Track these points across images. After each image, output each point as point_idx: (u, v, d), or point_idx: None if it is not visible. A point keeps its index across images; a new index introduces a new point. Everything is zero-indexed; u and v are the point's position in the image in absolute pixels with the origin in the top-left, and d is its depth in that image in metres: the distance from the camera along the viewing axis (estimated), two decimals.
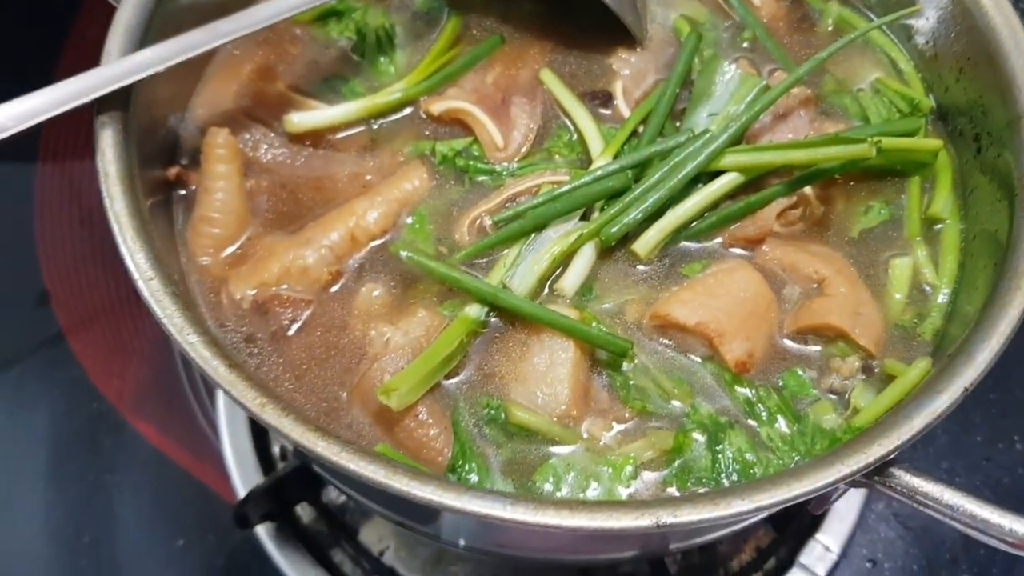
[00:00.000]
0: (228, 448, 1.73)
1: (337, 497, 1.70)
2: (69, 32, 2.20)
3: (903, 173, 1.33)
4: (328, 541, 1.69)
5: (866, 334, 1.17)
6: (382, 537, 1.69)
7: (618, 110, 1.38)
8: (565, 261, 1.21)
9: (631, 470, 1.08)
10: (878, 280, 1.25)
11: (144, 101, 1.20)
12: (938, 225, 1.30)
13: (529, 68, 1.41)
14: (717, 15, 1.49)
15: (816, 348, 1.19)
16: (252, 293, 1.18)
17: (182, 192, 1.27)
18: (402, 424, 1.09)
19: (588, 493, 1.07)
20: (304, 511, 1.71)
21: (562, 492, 1.07)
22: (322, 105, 1.35)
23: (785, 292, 1.23)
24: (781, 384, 1.16)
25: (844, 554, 1.68)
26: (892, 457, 0.97)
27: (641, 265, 1.23)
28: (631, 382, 1.15)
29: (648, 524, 0.89)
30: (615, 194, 1.23)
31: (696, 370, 1.17)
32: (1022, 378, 1.85)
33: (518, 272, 1.19)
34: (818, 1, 1.52)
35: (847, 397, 1.15)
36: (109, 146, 1.11)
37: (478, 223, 1.26)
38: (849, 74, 1.44)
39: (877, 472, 0.99)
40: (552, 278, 1.21)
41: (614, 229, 1.20)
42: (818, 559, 1.67)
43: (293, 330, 1.17)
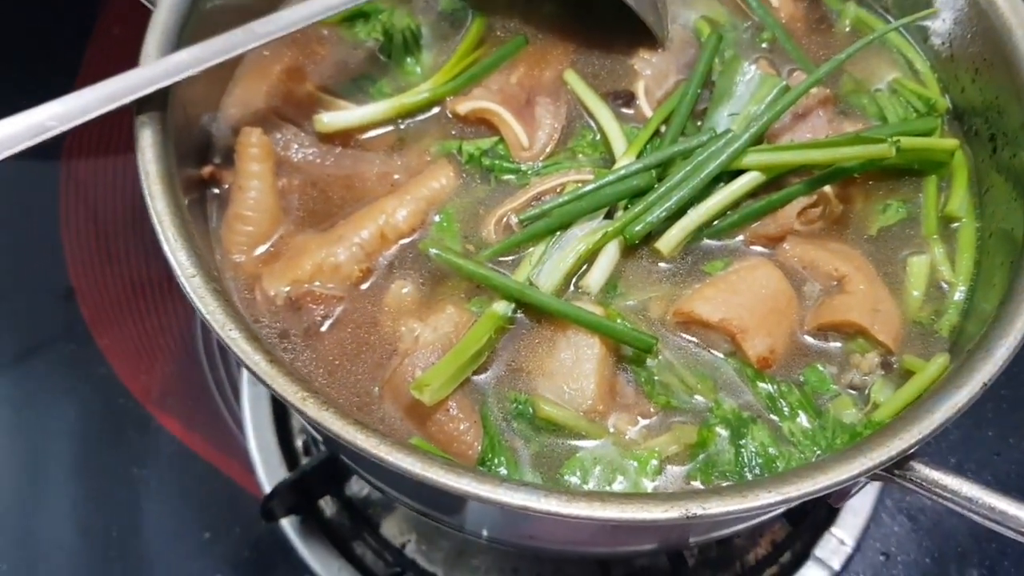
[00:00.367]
0: (252, 442, 1.75)
1: (360, 491, 1.73)
2: (93, 29, 2.23)
3: (920, 172, 1.36)
4: (351, 534, 1.71)
5: (885, 330, 1.20)
6: (404, 530, 1.71)
7: (640, 110, 1.40)
8: (590, 259, 1.23)
9: (656, 464, 1.11)
10: (896, 277, 1.27)
11: (179, 101, 1.22)
12: (954, 223, 1.32)
13: (553, 68, 1.43)
14: (736, 16, 1.51)
15: (836, 344, 1.22)
16: (286, 290, 1.20)
17: (215, 191, 1.29)
18: (433, 418, 1.11)
19: (614, 486, 1.10)
20: (327, 504, 1.73)
21: (589, 485, 1.09)
22: (350, 105, 1.38)
23: (805, 289, 1.25)
24: (802, 380, 1.19)
25: (858, 547, 1.70)
26: (912, 451, 1.00)
27: (664, 263, 1.26)
28: (655, 378, 1.17)
29: (678, 515, 0.92)
30: (639, 193, 1.25)
31: (719, 366, 1.19)
32: None
33: (544, 269, 1.21)
34: (836, 2, 1.55)
35: (867, 392, 1.18)
36: (149, 145, 1.13)
37: (504, 221, 1.28)
38: (867, 74, 1.47)
39: (898, 466, 1.01)
40: (577, 275, 1.23)
41: (638, 227, 1.22)
42: (833, 552, 1.69)
43: (326, 326, 1.20)
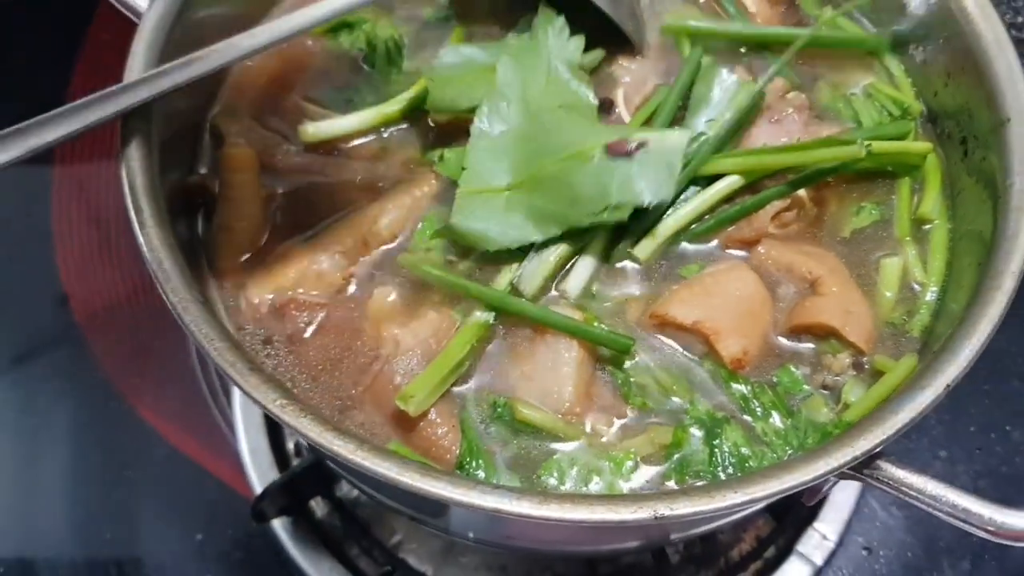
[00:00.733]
0: (244, 445, 1.77)
1: (350, 492, 1.75)
2: (83, 37, 2.25)
3: (894, 175, 1.38)
4: (342, 534, 1.74)
5: (856, 332, 1.22)
6: (394, 530, 1.74)
7: (620, 117, 1.42)
8: (569, 260, 1.26)
9: (632, 465, 1.13)
10: (869, 279, 1.30)
11: (165, 113, 1.24)
12: (927, 225, 1.34)
13: None
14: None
15: (809, 345, 1.24)
16: (270, 297, 1.22)
17: (201, 200, 1.32)
18: (413, 423, 1.14)
19: (591, 487, 1.12)
20: (319, 505, 1.76)
21: (566, 486, 1.12)
22: (334, 115, 1.39)
23: (780, 291, 1.27)
24: (775, 380, 1.21)
25: (841, 542, 1.72)
26: (879, 450, 1.02)
27: (642, 266, 1.28)
28: (632, 379, 1.19)
29: (646, 516, 0.94)
30: None
31: (694, 367, 1.21)
32: (1014, 369, 1.90)
33: (525, 273, 1.24)
34: (812, 7, 1.57)
35: (838, 392, 1.20)
36: (135, 158, 1.15)
37: None
38: (842, 79, 1.49)
39: (864, 465, 1.03)
40: (557, 278, 1.26)
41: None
42: (815, 547, 1.71)
43: (309, 332, 1.22)
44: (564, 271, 1.26)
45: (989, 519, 1.01)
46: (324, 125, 1.37)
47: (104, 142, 2.08)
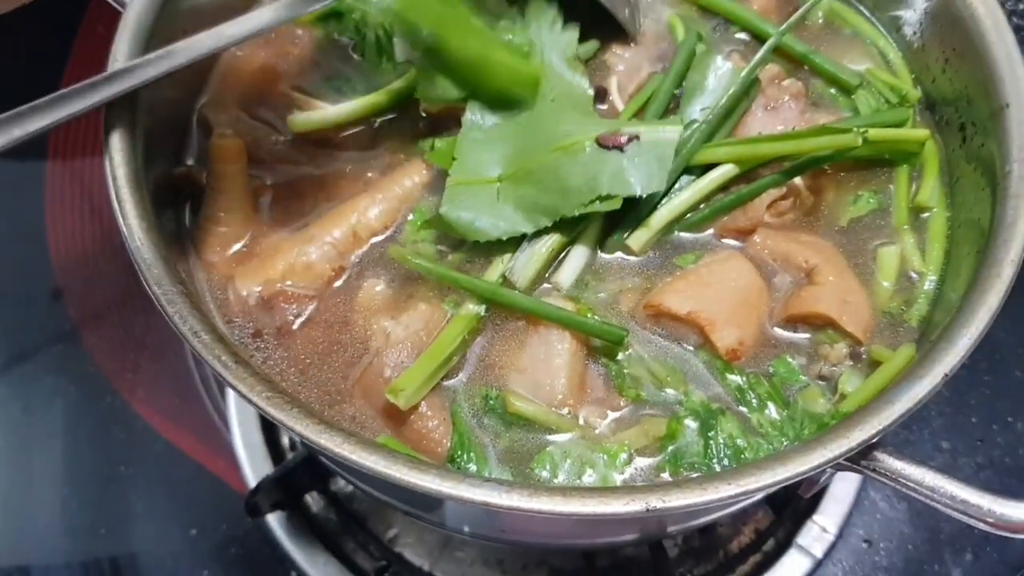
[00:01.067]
0: (239, 440, 1.77)
1: (346, 486, 1.74)
2: (77, 30, 2.24)
3: (891, 163, 1.36)
4: (337, 528, 1.73)
5: (853, 321, 1.20)
6: (390, 524, 1.73)
7: (613, 105, 1.40)
8: (562, 252, 1.25)
9: (625, 457, 1.12)
10: (866, 268, 1.28)
11: (150, 103, 1.23)
12: (925, 213, 1.33)
13: None
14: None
15: (806, 335, 1.22)
16: (258, 290, 1.21)
17: (189, 192, 1.31)
18: (403, 417, 1.13)
19: (584, 479, 1.11)
20: (314, 500, 1.75)
21: (559, 479, 1.11)
22: (324, 104, 1.38)
23: (776, 281, 1.26)
24: (771, 371, 1.19)
25: (841, 535, 1.71)
26: (876, 441, 1.00)
27: (635, 256, 1.27)
28: (626, 371, 1.18)
29: (638, 509, 0.93)
30: None
31: (689, 358, 1.20)
32: (1015, 360, 1.88)
33: (517, 264, 1.22)
34: None
35: (835, 383, 1.18)
36: (118, 150, 1.14)
37: None
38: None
39: (861, 456, 1.02)
40: (549, 269, 1.25)
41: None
42: (815, 540, 1.70)
43: (298, 325, 1.21)
44: (557, 262, 1.25)
45: (988, 510, 1.00)
46: (314, 115, 1.36)
47: (96, 136, 2.06)
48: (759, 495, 0.98)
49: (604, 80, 1.43)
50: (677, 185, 1.27)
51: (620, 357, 1.19)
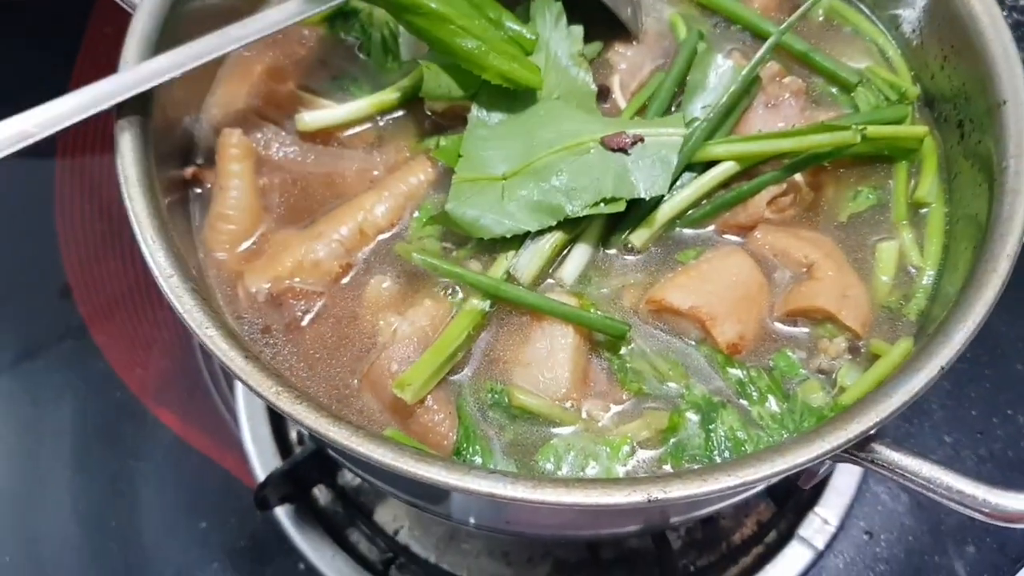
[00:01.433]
0: (247, 434, 1.79)
1: (352, 479, 1.77)
2: (85, 31, 2.25)
3: (890, 159, 1.38)
4: (344, 521, 1.75)
5: (852, 316, 1.22)
6: (396, 517, 1.75)
7: (615, 103, 1.42)
8: (565, 248, 1.27)
9: (628, 449, 1.14)
10: (866, 263, 1.30)
11: (160, 104, 1.25)
12: (924, 209, 1.34)
13: None
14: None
15: (805, 330, 1.24)
16: (267, 286, 1.23)
17: (198, 191, 1.33)
18: (410, 411, 1.14)
19: (587, 471, 1.13)
20: (321, 493, 1.77)
21: (563, 471, 1.12)
22: (331, 103, 1.40)
23: (776, 276, 1.28)
24: (771, 365, 1.21)
25: (842, 526, 1.73)
26: (873, 433, 1.02)
27: (638, 252, 1.29)
28: (628, 365, 1.20)
29: (640, 500, 0.95)
30: None
31: (690, 352, 1.22)
32: (1015, 353, 1.90)
33: (521, 261, 1.24)
34: None
35: (834, 376, 1.20)
36: (129, 149, 1.16)
37: None
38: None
39: (860, 447, 1.04)
40: (553, 266, 1.26)
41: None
42: (817, 532, 1.72)
43: (306, 321, 1.23)
44: (560, 258, 1.27)
45: (984, 501, 1.01)
46: (320, 114, 1.37)
47: (107, 135, 2.08)
48: (759, 486, 1.00)
49: (607, 78, 1.44)
50: (679, 182, 1.29)
51: (622, 351, 1.21)
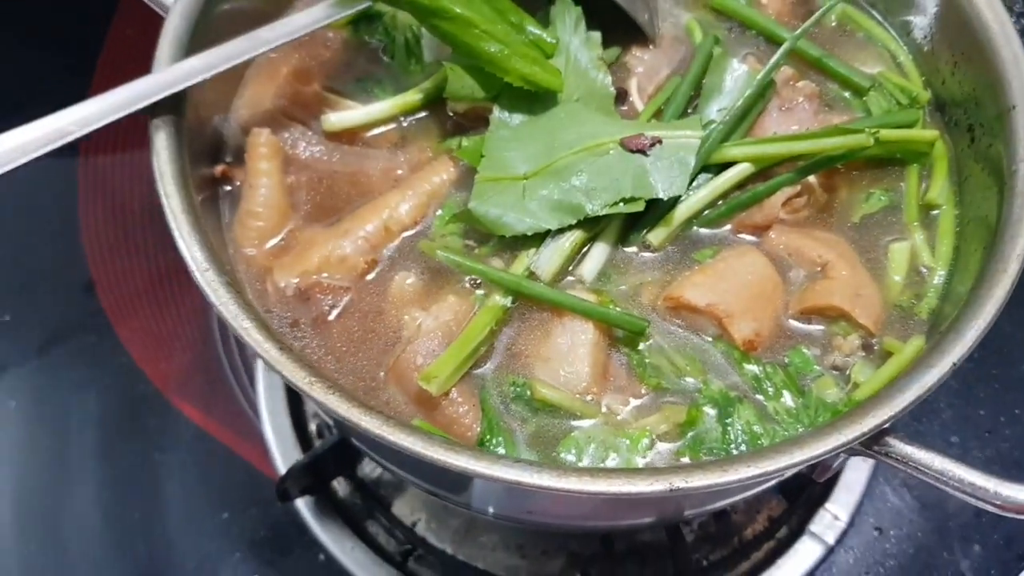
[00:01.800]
0: (268, 426, 1.82)
1: (372, 472, 1.79)
2: (107, 33, 2.28)
3: (902, 162, 1.40)
4: (363, 513, 1.78)
5: (866, 314, 1.25)
6: (414, 509, 1.78)
7: (633, 106, 1.45)
8: (584, 246, 1.30)
9: (647, 442, 1.17)
10: (878, 263, 1.33)
11: (192, 104, 1.28)
12: (935, 211, 1.37)
13: None
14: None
15: (819, 327, 1.27)
16: (295, 281, 1.26)
17: (227, 188, 1.36)
18: (435, 403, 1.17)
19: (608, 463, 1.15)
20: (340, 485, 1.80)
21: (584, 462, 1.15)
22: (355, 104, 1.43)
23: (791, 275, 1.30)
24: (787, 361, 1.24)
25: (852, 523, 1.75)
26: (887, 427, 1.05)
27: (655, 251, 1.31)
28: (647, 360, 1.23)
29: (662, 489, 0.97)
30: None
31: (707, 349, 1.25)
32: (1022, 355, 1.92)
33: (542, 258, 1.27)
34: None
35: (848, 373, 1.23)
36: (164, 147, 1.19)
37: None
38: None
39: (873, 441, 1.07)
40: (573, 263, 1.29)
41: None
42: (827, 527, 1.74)
43: (333, 315, 1.26)
44: (580, 256, 1.30)
45: (994, 492, 1.04)
46: (345, 115, 1.41)
47: (129, 132, 2.11)
48: (776, 477, 1.03)
49: (624, 81, 1.47)
50: (695, 183, 1.32)
51: (641, 347, 1.24)
